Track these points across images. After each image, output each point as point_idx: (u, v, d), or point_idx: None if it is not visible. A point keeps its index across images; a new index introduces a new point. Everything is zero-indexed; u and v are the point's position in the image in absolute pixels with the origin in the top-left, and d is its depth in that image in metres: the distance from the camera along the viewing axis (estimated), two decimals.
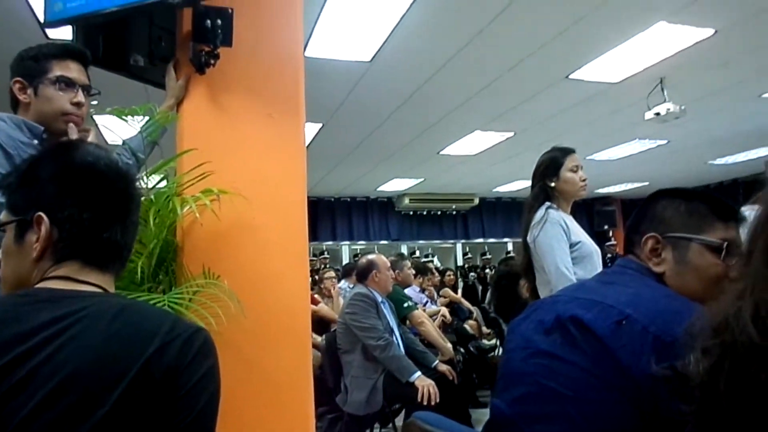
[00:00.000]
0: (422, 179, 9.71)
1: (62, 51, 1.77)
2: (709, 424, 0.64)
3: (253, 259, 2.01)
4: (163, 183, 1.95)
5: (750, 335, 0.57)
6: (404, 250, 11.33)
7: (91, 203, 0.95)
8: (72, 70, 1.77)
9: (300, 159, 2.16)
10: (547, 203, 2.48)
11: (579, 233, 2.44)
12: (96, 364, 0.80)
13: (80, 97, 1.76)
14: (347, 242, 11.37)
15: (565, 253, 2.35)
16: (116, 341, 0.83)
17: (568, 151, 2.58)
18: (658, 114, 5.26)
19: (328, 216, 11.10)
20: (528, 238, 2.49)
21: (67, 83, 1.74)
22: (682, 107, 5.22)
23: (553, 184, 2.51)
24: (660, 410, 0.93)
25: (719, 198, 1.23)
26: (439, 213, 11.89)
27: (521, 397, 1.13)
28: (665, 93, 5.28)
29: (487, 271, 9.79)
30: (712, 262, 1.16)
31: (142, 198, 1.11)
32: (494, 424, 1.17)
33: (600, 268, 2.46)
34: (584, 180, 2.53)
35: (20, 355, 0.79)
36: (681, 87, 5.30)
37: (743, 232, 1.23)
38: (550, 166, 2.55)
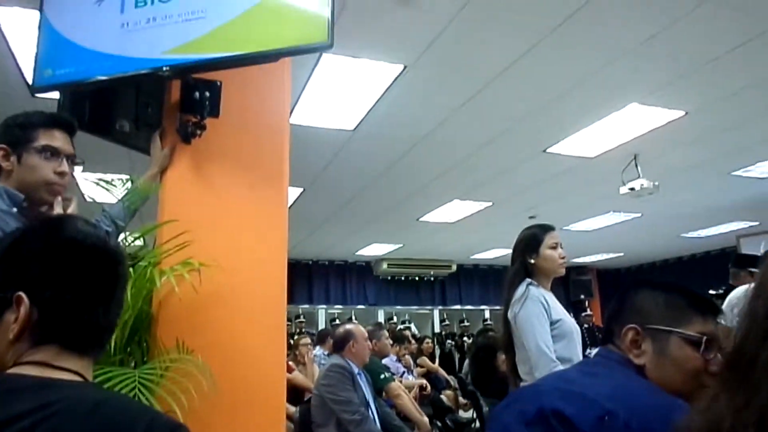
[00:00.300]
0: (401, 245, 9.73)
1: (49, 120, 1.76)
2: None
3: (230, 331, 1.98)
4: (142, 249, 1.93)
5: None
6: (381, 315, 11.22)
7: (74, 284, 0.91)
8: (57, 139, 1.75)
9: (281, 231, 2.16)
10: (528, 279, 2.49)
11: (559, 311, 2.44)
12: None
13: (64, 166, 1.73)
14: (324, 306, 11.24)
15: (546, 331, 2.34)
16: None
17: (547, 228, 2.60)
18: (632, 189, 5.38)
19: (305, 279, 11.00)
20: (509, 314, 2.48)
21: (53, 152, 1.71)
22: (656, 183, 5.36)
23: (532, 261, 2.52)
24: None
25: (697, 293, 1.25)
26: (417, 278, 11.85)
27: None
28: (639, 169, 5.43)
29: (465, 338, 9.70)
30: (691, 356, 1.16)
31: None
32: None
33: (579, 346, 2.46)
34: (563, 258, 2.55)
35: None
36: (654, 163, 5.46)
37: (722, 323, 1.24)
38: (530, 243, 2.56)
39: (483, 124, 4.61)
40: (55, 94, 2.24)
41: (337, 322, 8.76)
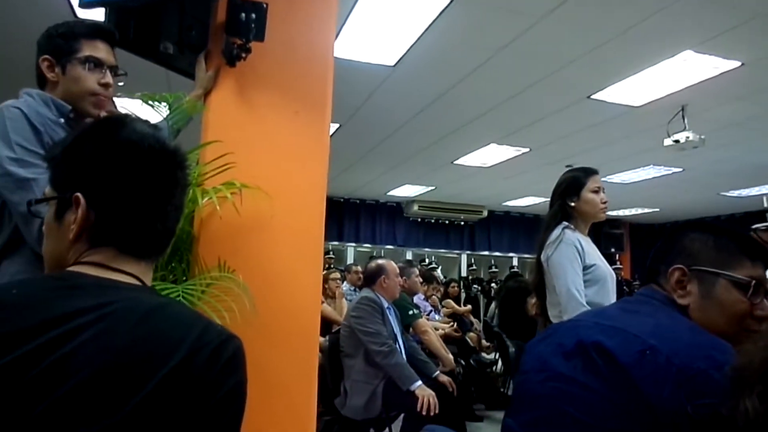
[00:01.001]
0: (433, 187, 9.70)
1: (92, 30, 1.74)
2: None
3: (269, 255, 2.01)
4: None
5: None
6: (409, 256, 11.31)
7: (131, 186, 0.90)
8: (100, 50, 1.74)
9: (323, 160, 2.16)
10: (564, 223, 2.45)
11: (594, 256, 2.41)
12: (117, 367, 0.74)
13: (108, 77, 1.73)
14: (353, 244, 11.37)
15: (578, 275, 2.32)
16: (141, 346, 0.77)
17: (590, 172, 2.54)
18: (677, 141, 5.23)
19: (336, 216, 11.10)
20: (542, 256, 2.46)
21: (96, 63, 1.71)
22: (702, 136, 5.20)
23: (573, 204, 2.48)
24: None
25: (749, 236, 1.22)
26: (446, 222, 11.87)
27: (536, 420, 1.12)
28: (686, 121, 5.26)
29: (493, 285, 9.75)
30: (737, 299, 1.15)
31: None
32: None
33: (613, 293, 2.44)
34: (605, 202, 2.50)
35: (42, 345, 0.74)
36: (702, 116, 5.28)
37: None
38: (571, 185, 2.51)
39: (527, 66, 4.48)
40: (101, 15, 2.22)
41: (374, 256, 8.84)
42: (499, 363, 5.94)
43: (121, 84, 1.86)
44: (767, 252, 1.22)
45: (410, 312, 4.33)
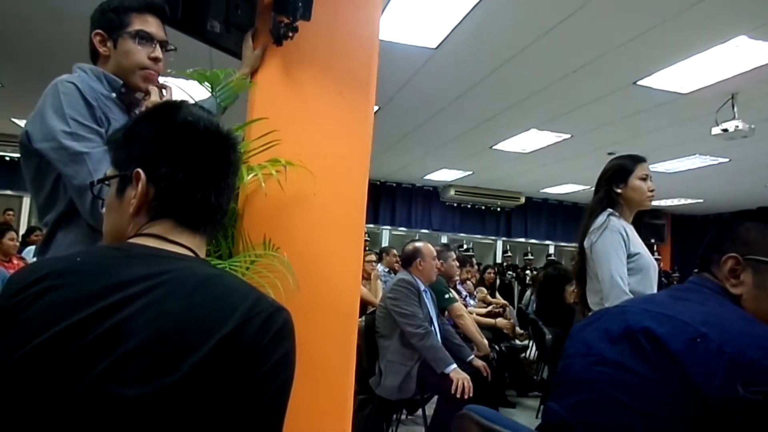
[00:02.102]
0: (471, 172, 9.63)
1: (143, 4, 1.76)
2: None
3: (312, 234, 2.03)
4: None
5: None
6: (444, 240, 11.29)
7: (187, 163, 0.95)
8: (151, 24, 1.75)
9: (366, 141, 2.17)
10: (609, 210, 2.42)
11: (639, 245, 2.37)
12: (173, 332, 0.79)
13: (158, 52, 1.74)
14: (388, 227, 11.39)
15: (622, 263, 2.28)
16: (196, 312, 0.81)
17: (638, 159, 2.50)
18: (725, 130, 5.08)
19: (372, 199, 11.12)
20: (585, 242, 2.44)
21: (146, 38, 1.72)
22: (752, 126, 5.04)
23: (619, 191, 2.44)
24: None
25: None
26: (483, 208, 11.80)
27: (581, 404, 1.11)
28: (735, 109, 5.10)
29: (527, 272, 9.66)
30: None
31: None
32: (549, 427, 1.15)
33: (655, 283, 2.40)
34: (652, 190, 2.45)
35: (104, 308, 0.79)
36: (752, 105, 5.11)
37: None
38: (619, 171, 2.47)
39: (572, 51, 4.39)
40: None
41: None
42: (533, 350, 5.92)
43: (171, 59, 1.89)
44: None
45: (446, 296, 4.33)
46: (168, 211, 0.95)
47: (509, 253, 11.45)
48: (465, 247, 10.86)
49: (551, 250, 12.04)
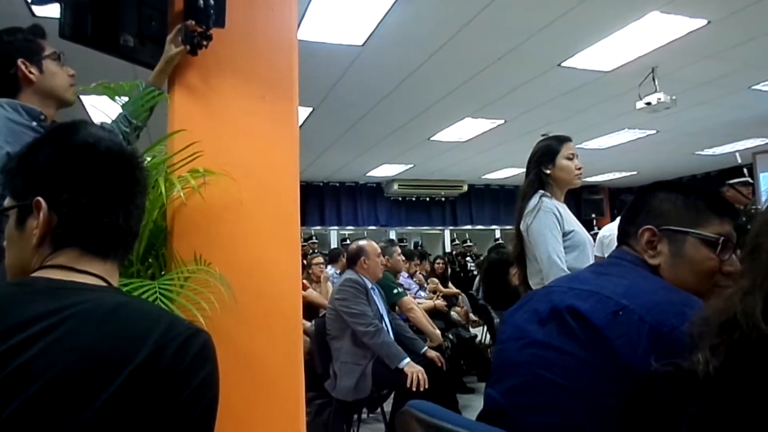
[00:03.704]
0: (412, 165, 9.69)
1: (37, 30, 1.84)
2: (714, 419, 0.63)
3: (245, 244, 1.99)
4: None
5: (762, 330, 0.56)
6: (392, 235, 11.33)
7: (90, 187, 0.91)
8: (50, 44, 1.84)
9: (293, 143, 2.14)
10: (541, 191, 2.47)
11: (572, 222, 2.43)
12: (83, 367, 0.75)
13: (70, 69, 1.86)
14: (335, 227, 11.36)
15: (558, 242, 2.34)
16: (106, 344, 0.77)
17: (564, 139, 2.56)
18: (648, 104, 5.27)
19: (317, 201, 11.07)
20: (521, 225, 2.48)
21: (60, 57, 1.84)
22: (673, 97, 5.24)
23: (548, 172, 2.50)
24: (656, 403, 0.93)
25: (715, 193, 1.24)
26: (427, 199, 11.90)
27: (516, 387, 1.13)
28: (656, 83, 5.28)
29: (468, 258, 9.77)
30: (707, 256, 1.16)
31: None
32: (488, 414, 1.17)
33: (592, 258, 2.47)
34: (579, 168, 2.52)
35: (8, 350, 0.74)
36: (672, 77, 5.31)
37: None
38: (546, 153, 2.53)
39: (496, 38, 4.46)
40: (56, 13, 2.17)
41: (348, 241, 8.84)
42: (487, 335, 6.01)
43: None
44: (734, 208, 1.24)
45: (395, 291, 4.35)
46: (73, 239, 0.91)
47: (457, 242, 11.56)
48: (407, 241, 10.89)
49: (497, 234, 12.24)
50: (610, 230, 4.14)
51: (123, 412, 0.74)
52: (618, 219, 1.37)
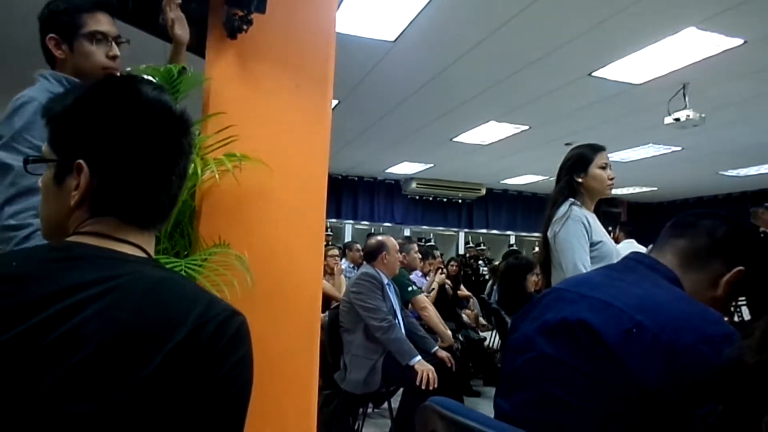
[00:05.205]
0: (432, 165, 9.66)
1: (92, 3, 1.75)
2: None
3: (271, 229, 2.00)
4: None
5: None
6: (407, 233, 11.31)
7: (138, 154, 0.87)
8: (103, 23, 1.74)
9: (324, 135, 2.15)
10: (571, 199, 2.45)
11: (601, 233, 2.42)
12: (123, 342, 0.73)
13: (115, 49, 1.75)
14: (351, 221, 11.36)
15: (585, 251, 2.32)
16: (146, 320, 0.76)
17: (598, 148, 2.54)
18: (677, 119, 5.21)
19: (334, 193, 11.06)
20: (548, 233, 2.47)
21: (102, 37, 1.73)
22: (702, 115, 5.17)
23: (580, 180, 2.48)
24: (670, 425, 0.91)
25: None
26: (444, 200, 11.86)
27: (527, 403, 1.11)
28: (687, 99, 5.22)
29: (480, 262, 9.72)
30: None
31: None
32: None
33: None
34: (612, 179, 2.50)
35: (47, 319, 0.72)
36: (703, 94, 5.25)
37: None
38: (579, 161, 2.51)
39: (529, 42, 4.43)
40: None
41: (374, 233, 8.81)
42: (496, 339, 5.99)
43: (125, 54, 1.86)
44: None
45: (409, 288, 4.35)
46: (113, 206, 0.87)
47: (471, 244, 11.52)
48: (424, 240, 10.87)
49: (512, 240, 12.18)
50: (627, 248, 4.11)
51: (161, 390, 0.73)
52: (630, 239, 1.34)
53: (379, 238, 3.90)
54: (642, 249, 4.05)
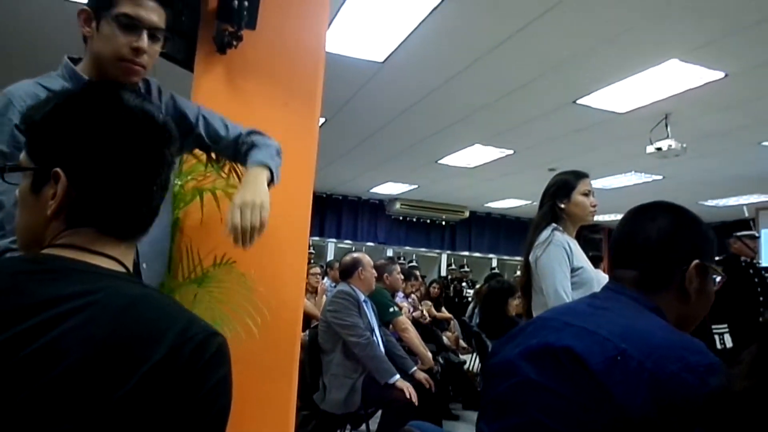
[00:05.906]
0: (416, 186, 9.70)
1: None
2: None
3: (254, 247, 1.98)
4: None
5: None
6: (390, 254, 11.30)
7: (118, 165, 0.84)
8: (143, 7, 1.43)
9: (311, 152, 2.15)
10: (554, 224, 2.47)
11: (582, 259, 2.43)
12: (100, 360, 0.71)
13: (143, 41, 1.43)
14: (334, 240, 11.33)
15: (566, 276, 2.33)
16: (124, 337, 0.73)
17: (581, 175, 2.57)
18: (659, 149, 5.29)
19: (318, 211, 11.03)
20: (530, 257, 2.47)
21: (130, 24, 1.42)
22: (684, 145, 5.26)
23: (563, 206, 2.50)
24: None
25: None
26: (428, 221, 11.89)
27: (511, 428, 1.10)
28: (668, 129, 5.32)
29: (464, 284, 9.74)
30: (713, 290, 1.19)
31: None
32: None
33: None
34: (594, 206, 2.53)
35: (21, 333, 0.70)
36: (685, 125, 5.34)
37: None
38: (562, 187, 2.53)
39: (516, 69, 4.49)
40: None
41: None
42: (476, 363, 5.97)
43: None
44: None
45: (390, 309, 4.32)
46: (91, 217, 0.85)
47: (453, 266, 11.53)
48: (404, 260, 10.86)
49: (494, 263, 12.22)
50: None
51: (138, 410, 0.71)
52: None
53: (354, 255, 3.91)
54: None
